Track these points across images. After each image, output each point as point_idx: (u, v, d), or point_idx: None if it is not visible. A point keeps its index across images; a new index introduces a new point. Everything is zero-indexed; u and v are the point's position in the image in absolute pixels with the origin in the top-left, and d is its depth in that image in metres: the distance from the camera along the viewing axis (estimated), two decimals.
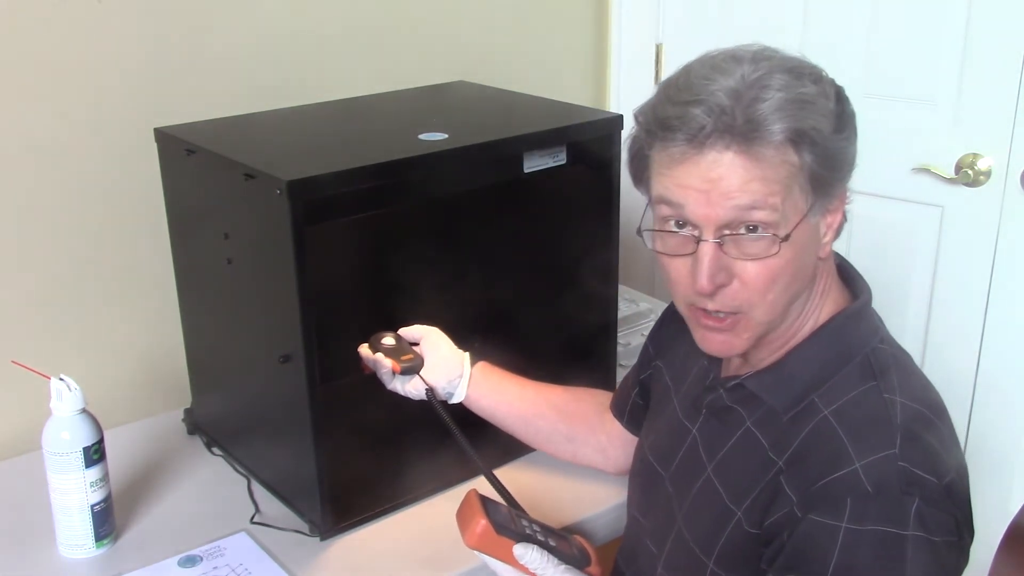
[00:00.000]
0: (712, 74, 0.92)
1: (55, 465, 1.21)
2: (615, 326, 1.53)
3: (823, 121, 0.92)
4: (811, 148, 0.91)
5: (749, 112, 0.90)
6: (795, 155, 0.91)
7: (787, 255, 0.93)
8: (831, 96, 0.95)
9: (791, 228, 0.93)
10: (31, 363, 1.22)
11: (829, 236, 0.99)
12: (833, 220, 0.99)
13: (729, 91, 0.91)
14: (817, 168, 0.92)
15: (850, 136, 0.96)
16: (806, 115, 0.91)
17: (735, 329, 0.98)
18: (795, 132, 0.90)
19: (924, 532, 0.88)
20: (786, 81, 0.92)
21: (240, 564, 1.22)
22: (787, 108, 0.90)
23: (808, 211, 0.94)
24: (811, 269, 0.99)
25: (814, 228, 0.97)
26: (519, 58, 1.99)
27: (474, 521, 1.03)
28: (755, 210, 0.92)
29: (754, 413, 1.01)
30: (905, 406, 0.94)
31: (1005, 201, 1.75)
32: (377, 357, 1.30)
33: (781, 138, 0.90)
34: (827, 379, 0.98)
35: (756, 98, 0.90)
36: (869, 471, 0.89)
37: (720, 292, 0.95)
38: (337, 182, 1.18)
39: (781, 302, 0.97)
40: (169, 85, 1.56)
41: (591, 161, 1.40)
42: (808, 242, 0.96)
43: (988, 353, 1.82)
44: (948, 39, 1.74)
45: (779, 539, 0.93)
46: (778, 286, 0.95)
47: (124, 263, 1.57)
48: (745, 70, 0.92)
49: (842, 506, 0.89)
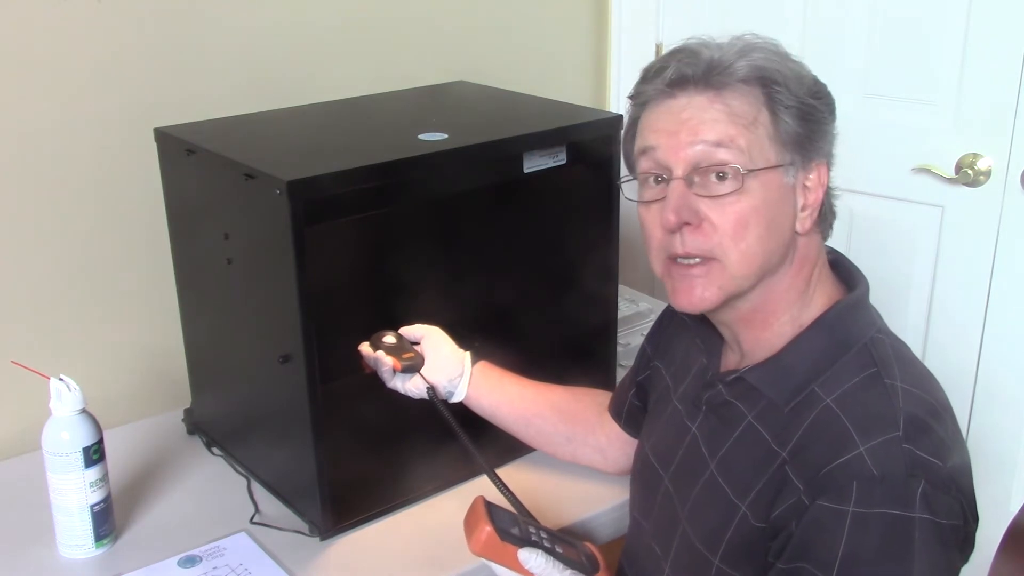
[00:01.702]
0: (695, 42, 1.02)
1: (55, 465, 1.21)
2: (615, 326, 1.53)
3: (794, 79, 0.98)
4: (779, 94, 0.97)
5: (719, 56, 0.98)
6: (762, 96, 0.97)
7: (753, 199, 0.96)
8: (807, 75, 1.01)
9: (756, 168, 0.96)
10: (31, 363, 1.22)
11: (808, 212, 1.01)
12: (812, 198, 1.01)
13: (704, 44, 1.00)
14: (787, 119, 0.97)
15: (826, 109, 1.00)
16: (775, 64, 0.98)
17: (708, 276, 0.99)
18: (760, 70, 0.97)
19: (930, 515, 0.88)
20: (765, 45, 1.00)
21: (240, 564, 1.22)
22: (756, 54, 0.98)
23: (780, 165, 0.98)
24: (786, 234, 1.00)
25: (788, 190, 0.99)
26: (519, 58, 1.99)
27: (479, 528, 1.04)
28: (720, 147, 0.96)
29: (754, 407, 1.01)
30: (907, 391, 0.95)
31: (1005, 201, 1.75)
32: (378, 355, 1.31)
33: (745, 74, 0.97)
34: (826, 369, 0.98)
35: (728, 46, 0.99)
36: (874, 455, 0.90)
37: (690, 233, 0.98)
38: (337, 182, 1.18)
39: (754, 254, 0.98)
40: (169, 85, 1.56)
41: (591, 161, 1.40)
42: (779, 199, 0.98)
43: (988, 353, 1.82)
44: (948, 39, 1.74)
45: (786, 530, 0.93)
46: (749, 234, 0.97)
47: (124, 263, 1.57)
48: (727, 40, 1.00)
49: (848, 490, 0.89)
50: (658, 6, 2.10)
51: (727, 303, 1.01)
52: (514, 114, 1.53)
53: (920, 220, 1.86)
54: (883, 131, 1.83)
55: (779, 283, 1.01)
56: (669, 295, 1.03)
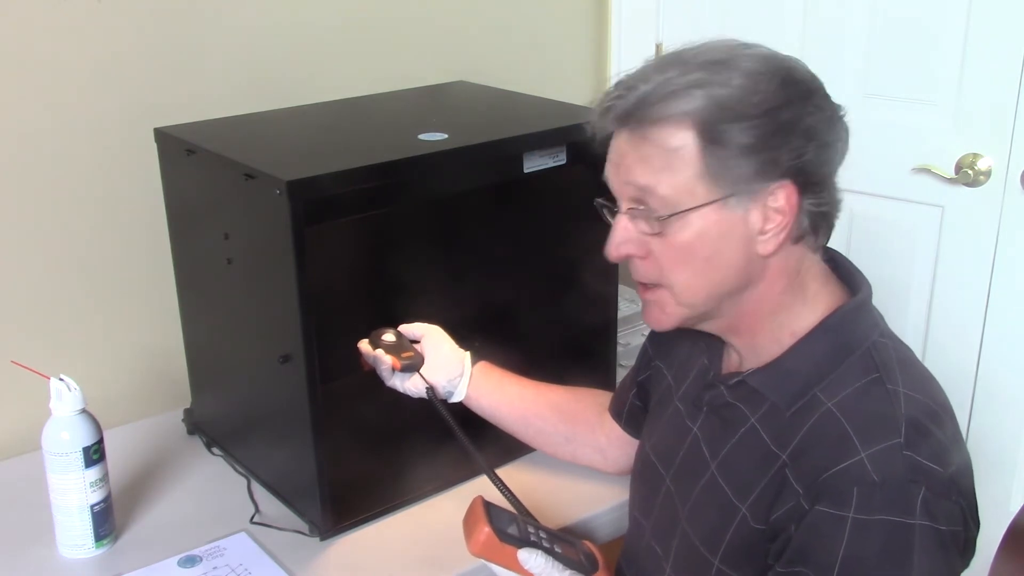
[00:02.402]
0: (645, 67, 0.98)
1: (55, 465, 1.21)
2: (615, 326, 1.53)
3: (716, 108, 0.92)
4: (712, 129, 0.92)
5: (647, 91, 0.94)
6: (691, 134, 0.93)
7: (687, 235, 0.96)
8: (761, 92, 0.93)
9: (682, 210, 0.94)
10: (31, 363, 1.22)
11: (771, 235, 0.96)
12: (780, 220, 0.96)
13: (643, 73, 0.96)
14: (720, 153, 0.93)
15: (784, 124, 0.93)
16: (709, 97, 0.92)
17: (659, 303, 1.02)
18: (690, 113, 0.93)
19: (931, 521, 0.88)
20: (698, 73, 0.94)
21: (240, 564, 1.22)
22: (677, 92, 0.93)
23: (714, 201, 0.94)
24: (739, 262, 0.97)
25: (734, 220, 0.95)
26: (519, 58, 1.99)
27: (477, 529, 1.03)
28: (646, 192, 0.96)
29: (757, 410, 1.01)
30: (908, 397, 0.94)
31: (1005, 201, 1.75)
32: (377, 353, 1.30)
33: (672, 112, 0.93)
34: (828, 373, 0.98)
35: (651, 78, 0.95)
36: (875, 461, 0.89)
37: (639, 262, 1.01)
38: (337, 182, 1.17)
39: (697, 286, 0.98)
40: (169, 85, 1.56)
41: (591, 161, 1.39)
42: (723, 231, 0.95)
43: (988, 353, 1.82)
44: (948, 39, 1.74)
45: (786, 532, 0.93)
46: (688, 268, 0.97)
47: (124, 263, 1.57)
48: (666, 59, 0.97)
49: (848, 496, 0.89)
50: (658, 6, 2.10)
51: (698, 320, 1.03)
52: (514, 114, 1.53)
53: (920, 220, 1.86)
54: (883, 131, 1.83)
55: (748, 301, 1.00)
56: None
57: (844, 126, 0.99)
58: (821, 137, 0.95)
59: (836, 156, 0.98)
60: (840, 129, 0.98)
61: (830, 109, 0.97)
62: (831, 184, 1.00)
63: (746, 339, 1.04)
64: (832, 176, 0.99)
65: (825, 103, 0.97)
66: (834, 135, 0.97)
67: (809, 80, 0.97)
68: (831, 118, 0.97)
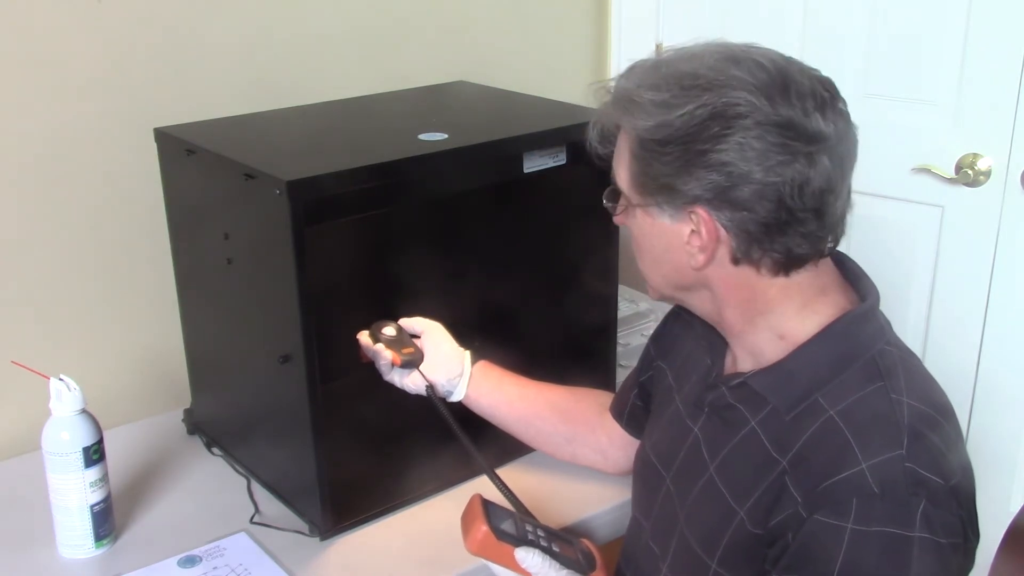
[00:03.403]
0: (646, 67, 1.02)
1: (55, 465, 1.21)
2: (615, 326, 1.53)
3: (649, 130, 0.96)
4: (634, 148, 0.99)
5: (615, 96, 1.01)
6: (626, 146, 1.01)
7: (632, 230, 1.04)
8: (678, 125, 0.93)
9: (630, 204, 1.02)
10: (31, 363, 1.22)
11: (697, 250, 0.97)
12: (695, 241, 0.96)
13: (630, 73, 1.02)
14: (639, 169, 0.99)
15: (678, 164, 0.94)
16: (636, 119, 0.97)
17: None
18: (623, 125, 1.00)
19: (930, 534, 0.88)
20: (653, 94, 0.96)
21: (240, 564, 1.22)
22: (631, 106, 0.98)
23: (640, 205, 1.01)
24: (680, 266, 1.00)
25: (665, 228, 0.99)
26: (519, 58, 1.99)
27: (475, 527, 1.03)
28: (615, 179, 1.05)
29: (757, 412, 1.01)
30: (912, 407, 0.94)
31: (1005, 201, 1.75)
32: (377, 348, 1.30)
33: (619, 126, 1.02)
34: (831, 379, 0.97)
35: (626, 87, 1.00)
36: (875, 472, 0.89)
37: None
38: (337, 182, 1.18)
39: (652, 275, 1.06)
40: (169, 85, 1.56)
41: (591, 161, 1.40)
42: (656, 235, 1.01)
43: (988, 353, 1.82)
44: (948, 39, 1.74)
45: (783, 539, 0.93)
46: (641, 260, 1.06)
47: (124, 263, 1.57)
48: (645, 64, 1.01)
49: (848, 507, 0.88)
50: (658, 6, 2.10)
51: (680, 302, 1.10)
52: (514, 114, 1.53)
53: (920, 220, 1.86)
54: (883, 131, 1.82)
55: (714, 300, 1.03)
56: None
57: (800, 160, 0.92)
58: (741, 168, 0.92)
59: (770, 190, 0.92)
60: (781, 164, 0.92)
61: (772, 140, 0.91)
62: (775, 218, 0.94)
63: (736, 337, 1.05)
64: (770, 209, 0.93)
65: (768, 135, 0.91)
66: (766, 166, 0.92)
67: (754, 111, 0.91)
68: (765, 152, 0.91)
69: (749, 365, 1.04)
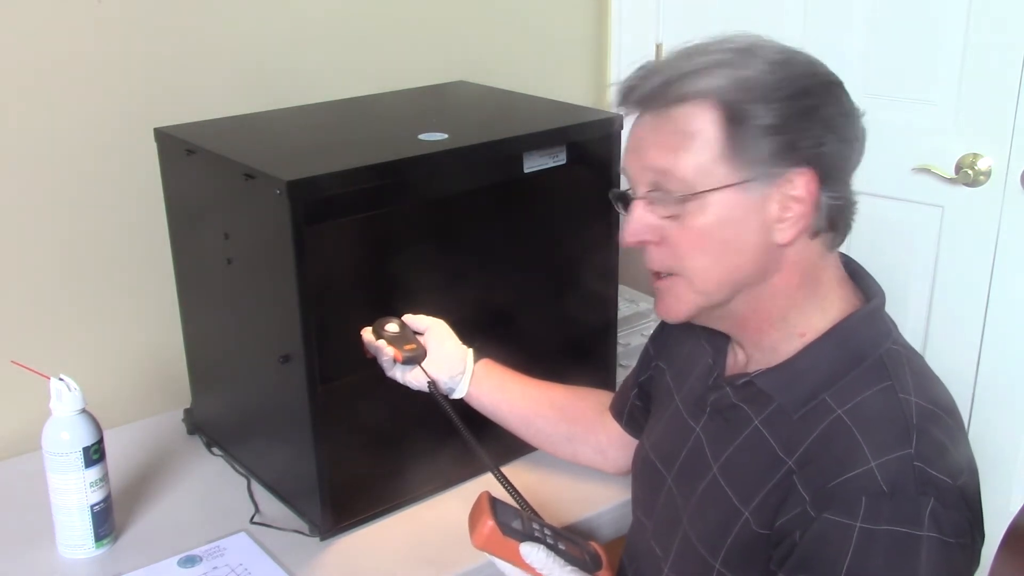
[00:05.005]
0: (668, 55, 0.99)
1: (55, 465, 1.21)
2: (615, 326, 1.53)
3: (760, 87, 0.93)
4: (736, 110, 0.93)
5: (670, 74, 0.96)
6: (715, 114, 0.93)
7: (706, 218, 0.95)
8: (787, 74, 0.95)
9: (703, 191, 0.94)
10: (31, 363, 1.22)
11: (789, 224, 0.96)
12: (796, 209, 0.96)
13: (672, 59, 0.98)
14: (744, 135, 0.93)
15: (808, 110, 0.94)
16: (734, 77, 0.93)
17: (673, 291, 1.01)
18: (714, 90, 0.93)
19: (938, 533, 0.87)
20: (721, 55, 0.95)
21: (240, 564, 1.22)
22: (716, 68, 0.94)
23: (733, 184, 0.94)
24: (755, 249, 0.97)
25: (753, 204, 0.95)
26: (519, 58, 1.99)
27: (481, 522, 1.04)
28: (664, 174, 0.96)
29: (762, 412, 1.01)
30: (920, 406, 0.94)
31: (1005, 201, 1.75)
32: (380, 344, 1.30)
33: (696, 91, 0.94)
34: (839, 379, 0.97)
35: (684, 59, 0.96)
36: (884, 470, 0.89)
37: (655, 249, 1.00)
38: (337, 182, 1.18)
39: (713, 272, 0.98)
40: (169, 85, 1.56)
41: (591, 161, 1.40)
42: (741, 216, 0.95)
43: (988, 353, 1.82)
44: (948, 39, 1.74)
45: (790, 539, 0.92)
46: (705, 253, 0.97)
47: (124, 263, 1.57)
48: (688, 47, 0.98)
49: (856, 505, 0.88)
50: (658, 6, 2.10)
51: (710, 313, 1.02)
52: (514, 114, 1.53)
53: (920, 220, 1.86)
54: (883, 131, 1.81)
55: (763, 294, 0.99)
56: None
57: (862, 126, 0.99)
58: (840, 131, 0.96)
59: (854, 155, 0.99)
60: (858, 128, 0.99)
61: (850, 105, 0.98)
62: (848, 182, 1.00)
63: (754, 337, 1.03)
64: (850, 174, 0.99)
65: (845, 99, 0.98)
66: (853, 132, 0.98)
67: (830, 74, 0.98)
68: (850, 114, 0.98)
69: (758, 364, 1.03)
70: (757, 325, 1.02)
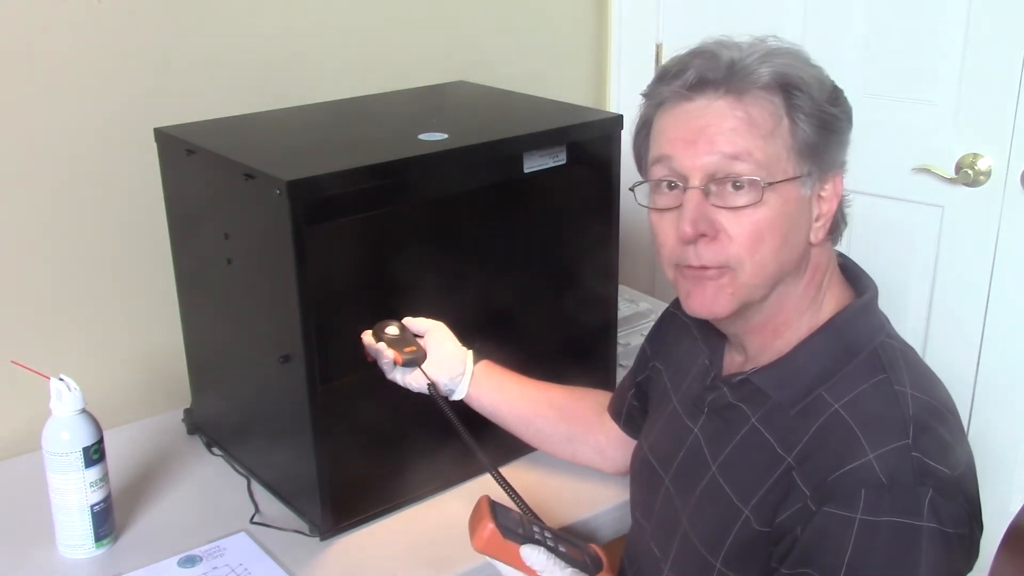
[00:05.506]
0: (715, 42, 0.99)
1: (55, 465, 1.21)
2: (615, 326, 1.53)
3: (815, 86, 0.96)
4: (800, 103, 0.94)
5: (740, 60, 0.95)
6: (783, 104, 0.94)
7: (770, 211, 0.95)
8: (827, 81, 0.99)
9: (775, 181, 0.95)
10: (31, 363, 1.22)
11: (823, 223, 1.00)
12: (827, 208, 1.00)
13: (725, 45, 0.97)
14: (806, 128, 0.95)
15: (844, 117, 0.99)
16: (797, 71, 0.95)
17: (720, 281, 0.97)
18: (783, 77, 0.94)
19: (938, 524, 0.88)
20: (788, 50, 0.97)
21: (240, 564, 1.22)
22: (778, 59, 0.95)
23: (797, 177, 0.96)
24: (800, 245, 0.99)
25: (805, 202, 0.98)
26: (519, 58, 1.99)
27: (481, 525, 1.04)
28: (738, 160, 0.94)
29: (758, 410, 1.01)
30: (916, 398, 0.94)
31: (1005, 201, 1.75)
32: (380, 347, 1.30)
33: (767, 80, 0.94)
34: (834, 373, 0.97)
35: (749, 49, 0.96)
36: (883, 462, 0.89)
37: (705, 244, 0.96)
38: (337, 182, 1.18)
39: (768, 266, 0.97)
40: (169, 85, 1.56)
41: (591, 161, 1.40)
42: (796, 211, 0.97)
43: (988, 353, 1.82)
44: (948, 39, 1.74)
45: (791, 534, 0.93)
46: (764, 246, 0.95)
47: (124, 263, 1.57)
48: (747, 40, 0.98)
49: (856, 498, 0.89)
50: (658, 6, 2.10)
51: (739, 312, 1.00)
52: (514, 114, 1.53)
53: (920, 220, 1.86)
54: (883, 131, 1.83)
55: (791, 292, 1.00)
56: (682, 299, 1.02)
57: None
58: (848, 134, 1.00)
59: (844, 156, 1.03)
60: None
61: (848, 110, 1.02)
62: None
63: (766, 339, 1.03)
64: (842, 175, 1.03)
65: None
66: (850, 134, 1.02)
67: None
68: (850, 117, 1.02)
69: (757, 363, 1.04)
70: (774, 329, 1.02)
